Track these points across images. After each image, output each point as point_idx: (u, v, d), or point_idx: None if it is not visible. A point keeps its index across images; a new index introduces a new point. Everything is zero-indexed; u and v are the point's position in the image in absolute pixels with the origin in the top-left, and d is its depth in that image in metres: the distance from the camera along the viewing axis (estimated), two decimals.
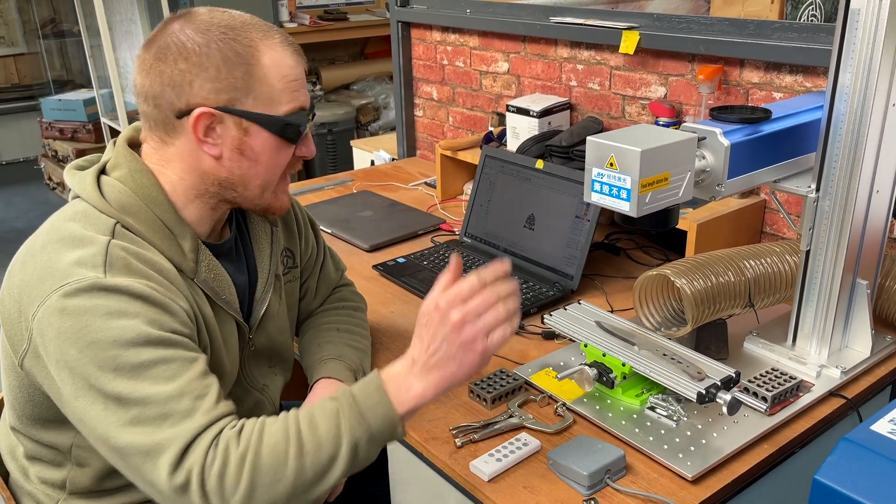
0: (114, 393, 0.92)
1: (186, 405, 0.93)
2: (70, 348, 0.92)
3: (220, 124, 1.02)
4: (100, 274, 0.94)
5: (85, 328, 0.92)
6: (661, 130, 1.09)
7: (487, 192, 1.84)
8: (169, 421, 0.92)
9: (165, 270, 1.02)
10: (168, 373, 0.94)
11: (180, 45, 1.00)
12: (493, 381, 1.25)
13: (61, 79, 5.86)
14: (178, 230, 1.05)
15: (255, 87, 1.01)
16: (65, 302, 0.93)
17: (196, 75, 0.99)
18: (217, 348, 1.09)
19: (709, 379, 1.11)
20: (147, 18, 4.51)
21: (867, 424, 0.77)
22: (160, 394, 0.92)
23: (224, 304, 1.11)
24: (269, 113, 1.02)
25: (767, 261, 1.33)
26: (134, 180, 1.04)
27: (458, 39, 2.40)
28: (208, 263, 1.08)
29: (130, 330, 0.93)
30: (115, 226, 1.00)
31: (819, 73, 1.55)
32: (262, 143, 1.04)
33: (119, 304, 0.93)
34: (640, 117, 1.93)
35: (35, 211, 4.82)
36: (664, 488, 1.04)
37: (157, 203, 1.04)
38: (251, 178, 1.06)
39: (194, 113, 1.00)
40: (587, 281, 1.66)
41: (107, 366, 0.92)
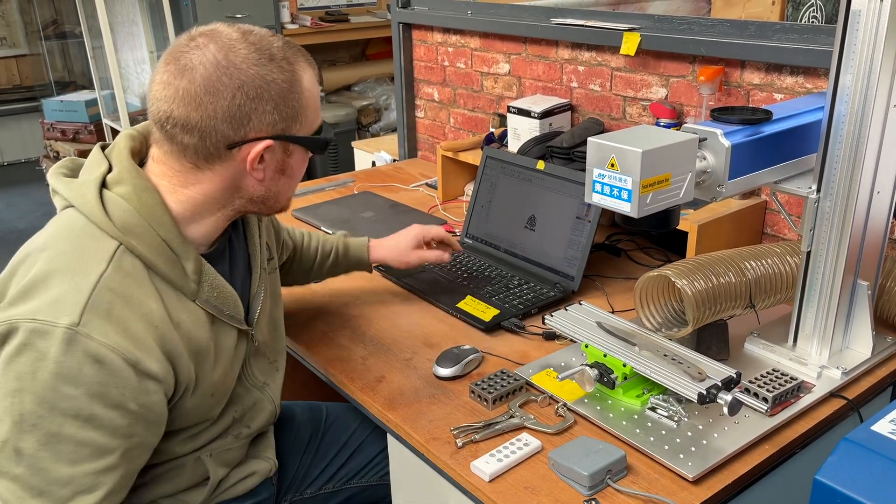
0: (17, 445, 0.92)
1: (65, 494, 0.93)
2: (11, 381, 0.92)
3: (269, 151, 1.03)
4: (74, 320, 0.92)
5: (32, 375, 0.91)
6: (661, 131, 1.09)
7: (488, 193, 1.84)
8: (40, 499, 0.92)
9: (150, 314, 0.98)
10: (74, 455, 0.93)
11: (235, 79, 0.97)
12: (494, 382, 1.25)
13: (63, 80, 5.87)
14: (181, 251, 1.02)
15: (302, 113, 1.04)
16: (30, 338, 0.91)
17: (254, 109, 0.99)
18: (206, 373, 1.07)
19: (710, 379, 1.12)
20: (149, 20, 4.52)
21: (868, 425, 0.77)
22: (51, 471, 0.92)
23: (228, 319, 1.10)
24: (309, 134, 1.07)
25: (768, 262, 1.33)
26: (139, 199, 1.00)
27: (459, 41, 2.40)
28: (211, 283, 1.06)
29: (69, 399, 0.92)
30: (118, 248, 0.98)
31: (820, 74, 1.56)
32: (299, 160, 1.09)
33: (74, 367, 0.91)
34: (641, 118, 1.93)
35: (36, 212, 4.83)
36: (665, 489, 1.04)
37: (162, 224, 1.01)
38: (284, 192, 1.10)
39: (258, 146, 1.00)
40: (588, 282, 1.66)
41: (28, 420, 0.91)
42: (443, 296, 1.59)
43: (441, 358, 1.34)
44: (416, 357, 1.39)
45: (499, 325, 1.47)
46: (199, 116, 0.98)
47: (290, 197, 1.14)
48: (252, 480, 1.25)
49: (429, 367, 1.35)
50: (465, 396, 1.26)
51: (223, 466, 1.19)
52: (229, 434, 1.19)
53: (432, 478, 1.16)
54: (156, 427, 1.02)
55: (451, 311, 1.54)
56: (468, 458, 1.11)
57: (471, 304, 1.54)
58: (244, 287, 1.18)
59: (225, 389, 1.14)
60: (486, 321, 1.48)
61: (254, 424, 1.23)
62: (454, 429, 1.16)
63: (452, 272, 1.70)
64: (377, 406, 1.25)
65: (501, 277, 1.66)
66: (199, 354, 1.05)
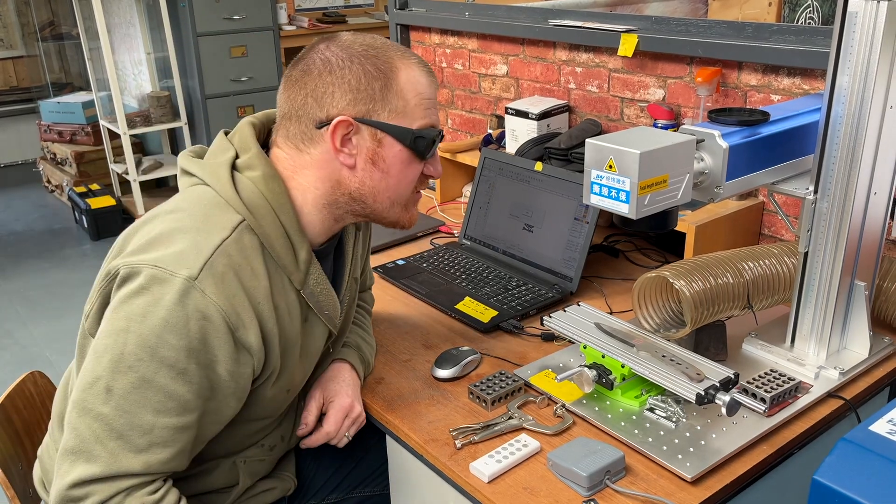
0: (110, 382, 0.95)
1: (142, 443, 0.96)
2: (121, 320, 0.96)
3: (357, 135, 1.06)
4: (193, 273, 0.96)
5: (143, 317, 0.95)
6: (659, 133, 1.09)
7: (486, 194, 1.84)
8: (118, 442, 0.95)
9: (257, 289, 1.02)
10: (159, 406, 0.96)
11: (325, 60, 1.05)
12: (493, 383, 1.26)
13: (60, 81, 5.86)
14: (296, 239, 1.07)
15: (391, 100, 1.05)
16: (150, 283, 0.96)
17: (337, 87, 1.04)
18: (291, 365, 1.11)
19: (708, 380, 1.12)
20: (146, 21, 4.51)
21: (866, 425, 0.77)
22: (136, 415, 0.96)
23: (326, 318, 1.14)
24: (402, 125, 1.07)
25: (766, 262, 1.34)
26: (266, 185, 1.05)
27: (456, 42, 2.41)
28: (317, 277, 1.10)
29: (169, 348, 0.95)
30: (241, 222, 1.03)
31: (817, 75, 1.56)
32: (395, 155, 1.08)
33: (182, 318, 0.95)
34: (638, 120, 1.93)
35: (34, 214, 4.82)
36: (663, 489, 1.05)
37: (284, 210, 1.06)
38: (381, 191, 1.10)
39: (334, 121, 1.04)
40: (586, 283, 1.66)
41: (127, 360, 0.95)
42: (441, 297, 1.59)
43: (440, 359, 1.34)
44: (415, 358, 1.39)
45: (497, 327, 1.48)
46: (293, 95, 1.07)
47: (396, 202, 1.12)
48: (270, 496, 1.26)
49: (427, 368, 1.35)
50: (464, 398, 1.26)
51: (250, 476, 1.21)
52: (266, 443, 1.21)
53: (431, 479, 1.16)
54: (235, 400, 1.05)
55: (450, 312, 1.54)
56: (467, 459, 1.11)
57: (469, 306, 1.55)
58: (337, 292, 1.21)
59: (299, 388, 1.18)
60: (485, 322, 1.48)
61: (286, 436, 1.26)
62: (453, 430, 1.17)
63: (451, 273, 1.70)
64: (376, 408, 1.25)
65: (500, 279, 1.66)
66: (289, 344, 1.09)
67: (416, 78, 1.08)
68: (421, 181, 1.14)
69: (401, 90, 1.06)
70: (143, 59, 4.60)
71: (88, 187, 4.48)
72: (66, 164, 4.92)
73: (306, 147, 1.08)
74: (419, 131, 1.08)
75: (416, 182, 1.13)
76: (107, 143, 4.58)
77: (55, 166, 5.02)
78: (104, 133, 4.55)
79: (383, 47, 1.08)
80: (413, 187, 1.13)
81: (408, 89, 1.07)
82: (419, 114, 1.08)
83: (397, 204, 1.13)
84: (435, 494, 1.18)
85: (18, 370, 1.43)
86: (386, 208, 1.12)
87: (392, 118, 1.06)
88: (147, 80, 4.63)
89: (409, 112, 1.07)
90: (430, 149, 1.10)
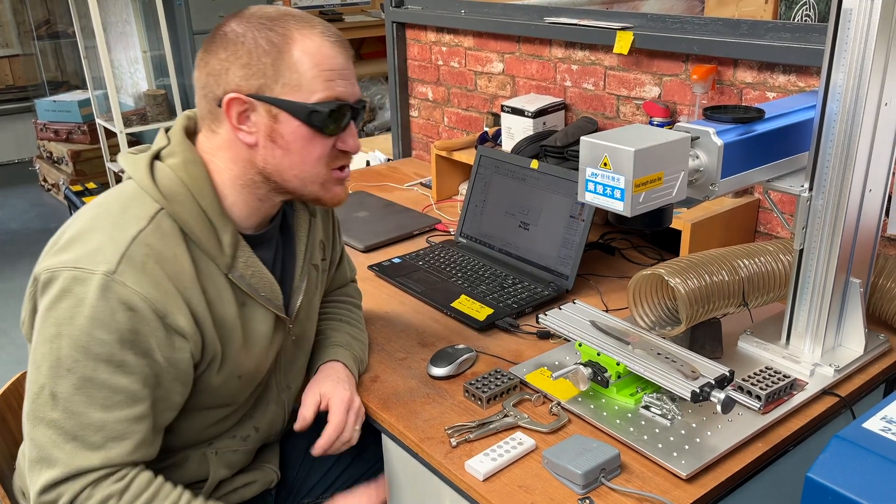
0: (54, 388, 0.97)
1: (96, 440, 0.98)
2: (50, 327, 0.97)
3: (254, 112, 1.04)
4: (111, 268, 0.97)
5: (71, 320, 0.96)
6: (654, 130, 1.09)
7: (483, 192, 1.84)
8: (73, 444, 0.97)
9: (182, 274, 1.02)
10: (107, 401, 0.98)
11: (223, 36, 1.04)
12: (489, 381, 1.26)
13: (56, 80, 5.85)
14: (219, 223, 1.06)
15: (283, 74, 1.02)
16: (70, 285, 0.97)
17: (232, 63, 1.03)
18: (234, 351, 1.10)
19: (703, 378, 1.12)
20: (142, 19, 4.50)
21: (859, 422, 0.77)
22: (85, 415, 0.97)
23: (264, 301, 1.12)
24: (296, 100, 1.03)
25: (761, 260, 1.34)
26: (186, 170, 1.05)
27: (452, 40, 2.40)
28: (246, 259, 1.09)
29: (102, 344, 0.96)
30: (159, 212, 1.03)
31: (812, 72, 1.56)
32: (293, 131, 1.04)
33: (107, 312, 0.96)
34: (634, 117, 1.93)
35: (30, 213, 4.81)
36: (659, 487, 1.05)
37: (204, 195, 1.05)
38: (286, 169, 1.07)
39: (225, 99, 1.02)
40: (582, 280, 1.66)
41: (63, 363, 0.97)
42: (437, 295, 1.59)
43: (435, 357, 1.34)
44: (411, 357, 1.39)
45: (493, 325, 1.48)
46: (198, 74, 1.06)
47: (307, 180, 1.08)
48: (252, 489, 1.25)
49: (423, 366, 1.35)
50: (460, 396, 1.26)
51: (226, 468, 1.20)
52: (237, 433, 1.20)
53: (427, 477, 1.16)
54: (181, 386, 1.05)
55: (446, 310, 1.54)
56: (462, 457, 1.11)
57: (465, 304, 1.54)
58: (288, 278, 1.20)
59: (254, 376, 1.16)
60: (481, 320, 1.48)
61: (262, 427, 1.24)
62: (448, 428, 1.17)
63: (447, 272, 1.70)
64: (371, 406, 1.25)
65: (496, 277, 1.66)
66: (225, 329, 1.08)
67: (314, 49, 1.02)
68: (337, 157, 1.09)
69: (294, 63, 1.01)
70: (139, 58, 4.59)
71: (85, 186, 4.47)
72: (62, 162, 4.91)
73: (216, 127, 1.07)
74: (314, 105, 1.02)
75: (329, 158, 1.08)
76: (103, 141, 4.57)
77: (51, 165, 5.01)
78: (100, 131, 4.54)
79: (282, 18, 1.04)
80: (325, 164, 1.08)
81: (303, 61, 1.02)
82: (318, 86, 1.03)
83: (310, 182, 1.08)
84: (430, 493, 1.17)
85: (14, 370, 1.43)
86: (299, 186, 1.08)
87: (286, 93, 1.02)
88: (143, 78, 4.62)
89: (305, 85, 1.02)
90: (331, 124, 1.04)
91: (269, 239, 1.16)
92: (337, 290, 1.45)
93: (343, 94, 1.05)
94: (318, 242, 1.28)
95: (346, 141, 1.08)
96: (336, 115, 1.05)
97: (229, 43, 1.03)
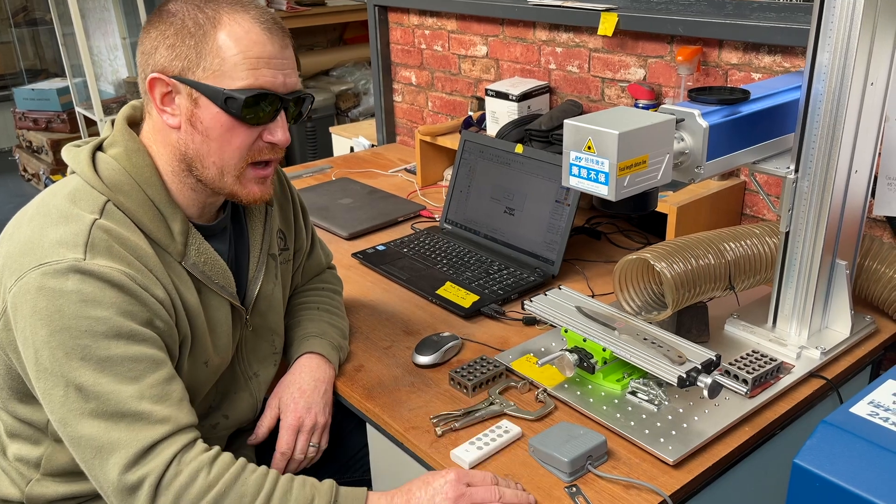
0: (76, 382, 0.93)
1: (144, 408, 0.94)
2: (41, 329, 0.93)
3: (178, 94, 1.02)
4: (79, 255, 0.94)
5: (58, 312, 0.92)
6: (638, 113, 1.07)
7: (467, 177, 1.82)
8: (125, 422, 0.93)
9: (146, 256, 1.01)
10: (132, 372, 0.95)
11: (159, 13, 1.02)
12: (474, 369, 1.24)
13: (34, 68, 5.75)
14: (168, 212, 1.05)
15: (205, 57, 0.99)
16: (42, 281, 0.93)
17: (160, 42, 1.01)
18: (200, 335, 1.09)
19: (689, 362, 1.11)
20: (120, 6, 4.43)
21: (846, 407, 0.76)
22: (120, 392, 0.93)
23: (218, 288, 1.11)
24: (215, 85, 0.99)
25: (747, 243, 1.33)
26: (129, 159, 1.03)
27: (435, 23, 2.37)
28: (198, 247, 1.08)
29: (104, 322, 0.93)
30: (106, 203, 1.00)
31: (798, 53, 1.55)
32: (212, 117, 1.01)
33: (95, 290, 0.94)
34: (619, 100, 1.91)
35: (10, 203, 4.74)
36: (646, 473, 1.04)
37: (150, 184, 1.04)
38: (205, 155, 1.04)
39: (148, 78, 1.01)
40: (568, 266, 1.65)
41: (74, 354, 0.93)
42: (422, 282, 1.57)
43: (420, 345, 1.32)
44: (395, 345, 1.37)
45: (479, 312, 1.46)
46: (139, 55, 1.05)
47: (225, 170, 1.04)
48: None
49: (408, 354, 1.33)
50: (445, 384, 1.25)
51: None
52: (206, 422, 1.18)
53: (412, 467, 1.15)
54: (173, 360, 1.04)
55: (431, 297, 1.52)
56: (448, 446, 1.10)
57: (450, 291, 1.53)
58: (243, 269, 1.18)
59: (219, 364, 1.15)
60: (466, 307, 1.46)
61: (232, 416, 1.22)
62: (434, 417, 1.15)
63: (432, 258, 1.68)
64: (356, 396, 1.24)
65: (481, 263, 1.65)
66: (191, 313, 1.07)
67: (242, 34, 0.99)
68: (262, 150, 1.05)
69: (218, 47, 0.98)
70: (118, 45, 4.52)
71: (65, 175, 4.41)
72: (42, 152, 4.84)
73: (150, 109, 1.05)
74: (231, 92, 0.98)
75: (251, 150, 1.04)
76: (83, 130, 4.51)
77: (31, 154, 4.94)
78: (80, 120, 4.48)
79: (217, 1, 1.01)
80: (243, 155, 1.04)
81: (227, 46, 0.98)
82: (242, 73, 0.98)
83: (227, 173, 1.04)
84: None
85: None
86: (216, 176, 1.05)
87: (207, 77, 0.99)
88: (123, 65, 4.56)
89: (227, 71, 0.98)
90: (250, 113, 1.00)
91: (220, 230, 1.15)
92: (314, 278, 1.43)
93: (269, 83, 1.01)
94: (277, 231, 1.26)
95: (273, 132, 1.04)
96: (256, 105, 1.01)
97: (161, 22, 1.01)
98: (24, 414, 1.08)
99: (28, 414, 1.08)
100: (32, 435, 1.09)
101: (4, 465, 1.13)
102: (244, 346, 1.20)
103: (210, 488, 0.93)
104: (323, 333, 1.29)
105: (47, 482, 1.09)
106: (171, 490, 0.92)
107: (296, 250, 1.34)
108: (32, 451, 1.09)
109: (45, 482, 1.09)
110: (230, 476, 0.95)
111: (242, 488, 0.95)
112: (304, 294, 1.38)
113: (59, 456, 1.08)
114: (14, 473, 1.11)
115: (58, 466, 1.08)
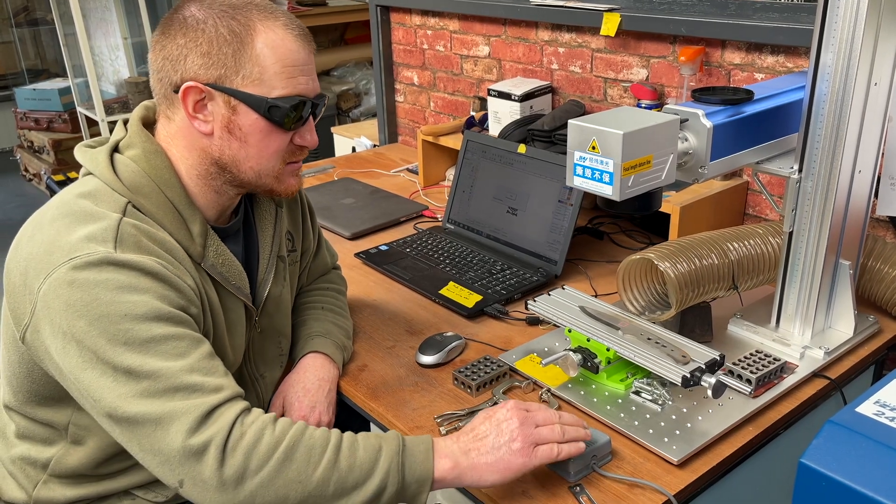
0: (124, 366, 0.92)
1: (196, 380, 0.93)
2: (79, 321, 0.92)
3: (211, 101, 1.02)
4: (110, 249, 0.94)
5: (95, 301, 0.92)
6: (643, 113, 1.08)
7: (470, 177, 1.82)
8: (180, 394, 0.92)
9: (174, 250, 1.02)
10: (178, 349, 0.94)
11: (182, 20, 1.01)
12: (478, 368, 1.24)
13: (36, 68, 5.75)
14: (187, 213, 1.05)
15: (244, 66, 1.00)
16: (74, 275, 0.92)
17: (191, 50, 1.00)
18: (220, 334, 1.10)
19: (693, 362, 1.11)
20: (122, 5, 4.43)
21: (852, 406, 0.76)
22: (170, 368, 0.92)
23: (234, 289, 1.11)
24: (257, 94, 1.01)
25: (751, 243, 1.33)
26: (147, 161, 1.04)
27: (437, 23, 2.37)
28: (216, 249, 1.08)
29: (142, 305, 0.93)
30: (127, 205, 1.00)
31: (801, 53, 1.55)
32: (251, 124, 1.03)
33: (129, 278, 0.94)
34: (622, 100, 1.92)
35: (11, 203, 4.74)
36: (650, 473, 1.04)
37: (169, 185, 1.04)
38: (242, 160, 1.05)
39: (183, 86, 1.00)
40: (571, 266, 1.65)
41: (117, 339, 0.92)
42: (425, 282, 1.57)
43: (424, 345, 1.32)
44: (399, 345, 1.37)
45: (482, 311, 1.46)
46: (154, 57, 1.04)
47: (262, 173, 1.07)
48: None
49: (411, 354, 1.33)
50: (449, 384, 1.25)
51: None
52: None
53: None
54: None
55: (434, 297, 1.52)
56: None
57: (453, 291, 1.53)
58: (253, 271, 1.19)
59: (232, 363, 1.15)
60: (469, 307, 1.47)
61: None
62: (438, 417, 1.15)
63: (434, 258, 1.68)
64: (360, 395, 1.24)
65: (484, 263, 1.65)
66: (212, 308, 1.07)
67: (277, 42, 1.01)
68: (293, 151, 1.09)
69: (257, 56, 1.00)
70: (119, 45, 4.52)
71: (67, 175, 4.41)
72: (43, 152, 4.84)
73: (171, 113, 1.05)
74: (275, 101, 1.01)
75: (285, 152, 1.07)
76: (84, 130, 4.51)
77: (32, 154, 4.94)
78: (82, 120, 4.48)
79: (245, 7, 1.01)
80: (280, 157, 1.07)
81: (265, 55, 1.00)
82: (280, 82, 1.01)
83: (266, 175, 1.07)
84: None
85: None
86: (253, 178, 1.07)
87: (246, 85, 1.00)
88: (124, 65, 4.56)
89: (267, 80, 1.01)
90: (290, 119, 1.03)
91: (234, 232, 1.16)
92: (319, 278, 1.43)
93: (304, 90, 1.04)
94: (286, 233, 1.26)
95: (303, 136, 1.08)
96: (296, 111, 1.04)
97: (189, 28, 1.00)
98: (43, 416, 1.08)
99: (48, 416, 1.07)
100: (48, 436, 1.09)
101: (10, 467, 1.13)
102: (251, 347, 1.20)
103: (278, 444, 0.92)
104: (327, 333, 1.29)
105: (54, 485, 1.09)
106: (240, 450, 0.91)
107: (303, 251, 1.35)
108: (42, 453, 1.09)
109: (52, 485, 1.09)
110: (295, 431, 0.94)
111: (310, 441, 0.94)
112: (309, 294, 1.38)
113: (71, 458, 1.08)
114: (20, 475, 1.11)
115: (67, 468, 1.08)
